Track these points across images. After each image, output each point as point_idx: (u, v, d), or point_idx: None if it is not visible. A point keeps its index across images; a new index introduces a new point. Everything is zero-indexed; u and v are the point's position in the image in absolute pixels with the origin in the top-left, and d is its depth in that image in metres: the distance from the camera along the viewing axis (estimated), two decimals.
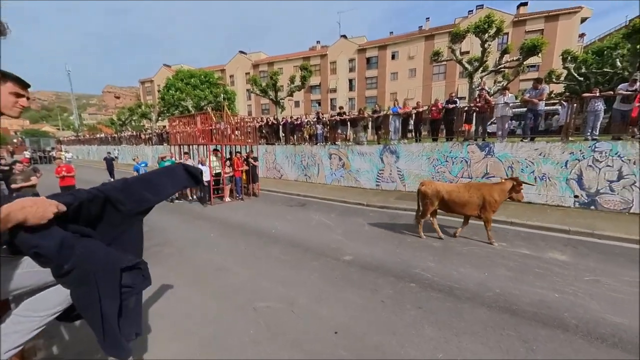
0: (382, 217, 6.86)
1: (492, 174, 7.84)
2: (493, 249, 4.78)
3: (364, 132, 11.66)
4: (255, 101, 43.96)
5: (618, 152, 6.34)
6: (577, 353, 2.48)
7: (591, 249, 4.75)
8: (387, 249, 4.92)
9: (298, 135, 13.64)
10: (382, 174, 9.93)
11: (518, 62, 13.46)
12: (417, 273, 4.00)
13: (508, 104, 8.29)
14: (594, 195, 6.66)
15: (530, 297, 3.36)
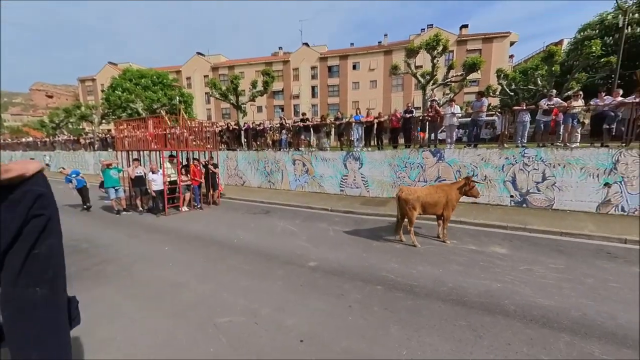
0: (347, 222, 6.99)
1: (443, 177, 8.53)
2: (446, 247, 5.16)
3: (326, 138, 11.87)
4: (215, 105, 42.16)
5: (542, 157, 7.38)
6: (515, 335, 2.76)
7: (524, 241, 5.40)
8: (353, 253, 5.01)
9: (261, 141, 13.36)
10: (346, 180, 10.18)
11: (462, 77, 15.02)
12: (383, 275, 4.13)
13: (455, 114, 9.15)
14: (525, 194, 7.63)
15: (477, 288, 3.68)
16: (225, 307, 3.36)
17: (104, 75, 42.26)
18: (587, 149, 7.10)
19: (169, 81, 28.58)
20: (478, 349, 2.61)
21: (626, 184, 6.62)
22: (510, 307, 3.25)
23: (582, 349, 2.58)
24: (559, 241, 5.40)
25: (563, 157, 7.17)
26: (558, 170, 7.22)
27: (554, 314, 3.12)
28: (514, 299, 3.42)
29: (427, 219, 5.75)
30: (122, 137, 9.64)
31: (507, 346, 2.63)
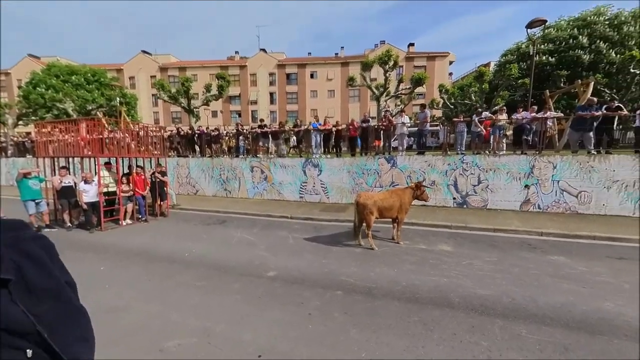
0: (307, 229, 6.98)
1: (396, 182, 9.11)
2: (400, 248, 5.48)
3: (285, 145, 11.82)
4: (164, 108, 39.06)
5: (477, 163, 8.37)
6: (459, 325, 3.04)
7: (465, 238, 6.02)
8: (313, 260, 5.00)
9: (216, 147, 12.72)
10: (306, 187, 10.21)
11: (410, 90, 16.41)
12: (343, 280, 4.19)
13: (405, 124, 9.91)
14: (465, 196, 8.54)
15: (427, 285, 3.97)
16: (174, 329, 3.06)
17: (22, 69, 36.17)
18: (510, 156, 8.28)
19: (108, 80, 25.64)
20: (429, 342, 2.79)
21: (540, 186, 7.86)
22: (455, 300, 3.57)
23: (513, 330, 2.94)
24: (493, 237, 6.14)
25: (493, 163, 8.23)
26: (490, 175, 8.25)
27: (490, 302, 3.51)
28: (458, 292, 3.76)
29: (385, 223, 6.05)
30: (45, 141, 8.28)
31: (453, 336, 2.87)
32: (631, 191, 7.19)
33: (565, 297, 3.58)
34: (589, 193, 7.47)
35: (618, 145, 8.70)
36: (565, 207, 7.68)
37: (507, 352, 2.62)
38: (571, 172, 7.58)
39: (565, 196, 7.67)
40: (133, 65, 39.87)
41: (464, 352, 2.63)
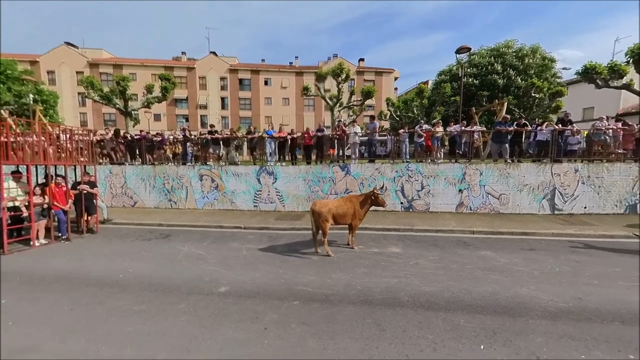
0: (261, 239, 6.76)
1: (350, 189, 9.47)
2: (355, 252, 5.67)
3: (236, 152, 11.39)
4: (94, 109, 34.35)
5: (420, 170, 9.22)
6: (409, 321, 3.25)
7: (412, 240, 6.52)
8: (268, 271, 4.84)
9: (160, 154, 11.60)
10: (260, 195, 9.93)
11: (361, 102, 17.41)
12: (300, 289, 4.13)
13: (357, 134, 10.44)
14: (411, 201, 9.30)
15: (380, 286, 4.18)
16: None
17: None
18: (447, 164, 9.33)
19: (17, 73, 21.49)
20: (382, 341, 2.92)
21: (471, 190, 9.00)
22: (404, 298, 3.81)
23: (453, 321, 3.26)
24: (435, 237, 6.77)
25: (433, 171, 9.16)
26: (431, 181, 9.16)
27: (434, 297, 3.84)
28: (407, 291, 4.03)
29: (343, 229, 6.20)
30: None
31: (404, 333, 3.05)
32: (536, 193, 8.71)
33: (492, 287, 4.12)
34: (507, 195, 8.82)
35: (526, 155, 10.50)
36: (490, 208, 8.92)
37: (449, 342, 2.89)
38: (493, 178, 8.87)
39: (490, 199, 8.92)
40: (53, 58, 34.34)
41: (413, 347, 2.82)
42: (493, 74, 21.62)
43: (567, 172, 8.61)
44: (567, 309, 3.50)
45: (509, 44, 22.85)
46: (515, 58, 21.67)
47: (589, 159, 9.45)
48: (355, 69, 38.00)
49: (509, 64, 21.44)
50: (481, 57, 23.33)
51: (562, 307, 3.55)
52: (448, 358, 2.66)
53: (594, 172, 8.53)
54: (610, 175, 8.48)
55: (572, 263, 5.01)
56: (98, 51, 37.63)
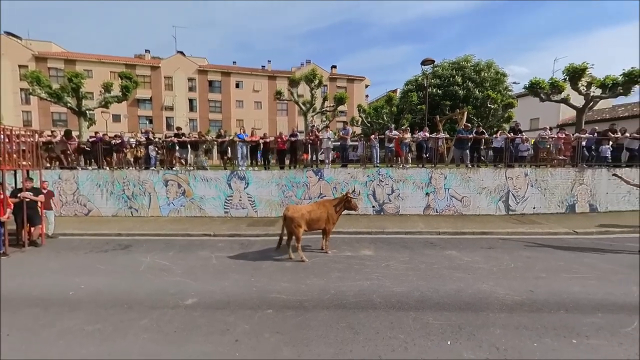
0: (232, 247, 6.51)
1: (324, 194, 9.53)
2: (329, 257, 5.69)
3: (206, 156, 10.94)
4: (41, 108, 30.92)
5: (390, 175, 9.58)
6: (382, 323, 3.33)
7: (383, 242, 6.72)
8: (239, 280, 4.67)
9: (120, 157, 10.73)
10: (231, 201, 9.60)
11: (334, 108, 17.72)
12: (273, 297, 4.03)
13: (330, 139, 10.58)
14: (382, 204, 9.60)
15: (353, 290, 4.23)
16: None
17: None
18: (415, 169, 9.81)
19: None
20: (355, 344, 2.94)
21: (436, 193, 9.53)
22: (377, 300, 3.89)
23: (422, 320, 3.39)
24: (405, 239, 7.04)
25: (402, 175, 9.57)
26: (400, 185, 9.55)
27: (405, 297, 3.97)
28: (379, 292, 4.12)
29: (316, 234, 6.19)
30: None
31: (376, 334, 3.11)
32: (493, 195, 9.48)
33: (457, 284, 4.37)
34: (469, 198, 9.48)
35: (484, 160, 11.42)
36: (454, 210, 9.51)
37: (419, 340, 3.00)
38: (456, 182, 9.49)
39: (453, 201, 9.51)
40: None
41: (385, 348, 2.88)
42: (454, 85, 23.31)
43: (518, 176, 9.50)
44: (521, 302, 3.82)
45: (467, 59, 24.85)
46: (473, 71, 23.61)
47: (536, 164, 10.52)
48: (328, 76, 38.68)
49: (468, 77, 23.29)
50: (444, 69, 25.06)
51: (517, 300, 3.88)
52: (418, 358, 2.76)
53: (540, 176, 9.52)
54: (554, 179, 9.52)
55: (524, 259, 5.50)
56: (46, 44, 34.04)
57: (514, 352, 2.79)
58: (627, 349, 2.85)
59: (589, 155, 10.11)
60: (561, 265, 5.13)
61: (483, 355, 2.76)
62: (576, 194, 9.56)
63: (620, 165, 9.91)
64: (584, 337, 3.03)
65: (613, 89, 12.45)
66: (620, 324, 3.26)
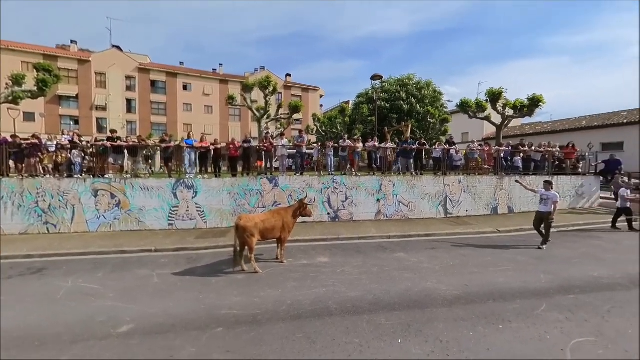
0: (178, 262, 5.93)
1: (279, 202, 9.38)
2: (285, 266, 5.58)
3: (146, 162, 9.90)
4: None
5: (344, 182, 9.92)
6: (337, 329, 3.37)
7: (339, 248, 6.87)
8: (186, 298, 4.26)
9: (33, 163, 9.00)
10: (177, 212, 8.79)
11: (289, 116, 17.76)
12: (224, 314, 3.76)
13: (284, 146, 10.54)
14: (336, 211, 9.85)
15: (309, 298, 4.21)
16: None
17: None
18: (366, 176, 10.34)
19: None
20: (312, 353, 2.91)
21: (386, 199, 10.17)
22: (333, 307, 3.93)
23: (376, 322, 3.53)
24: (358, 244, 7.31)
25: (355, 182, 9.99)
26: (353, 192, 9.94)
27: (359, 301, 4.09)
28: (335, 299, 4.17)
29: (270, 243, 6.01)
30: None
31: (333, 341, 3.13)
32: (434, 200, 10.51)
33: (406, 284, 4.68)
34: (414, 203, 10.34)
35: (426, 169, 12.63)
36: (401, 214, 10.25)
37: (373, 342, 3.11)
38: (403, 189, 10.28)
39: (401, 206, 10.26)
40: None
41: (342, 354, 2.91)
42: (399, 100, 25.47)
43: (454, 183, 10.73)
44: (459, 295, 4.27)
45: (410, 77, 27.47)
46: (415, 89, 26.15)
47: (467, 172, 12.01)
48: (283, 83, 38.77)
49: (411, 93, 25.71)
50: (390, 85, 27.24)
51: (455, 294, 4.31)
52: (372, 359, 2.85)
53: (471, 182, 10.90)
54: (481, 185, 10.99)
55: (460, 257, 6.18)
56: None
57: (454, 343, 3.08)
58: (539, 327, 3.38)
59: (506, 165, 11.96)
60: (489, 261, 5.89)
61: (429, 349, 2.98)
62: (498, 198, 11.17)
63: (528, 173, 11.93)
64: (508, 322, 3.50)
65: (521, 110, 15.07)
66: (532, 308, 3.87)
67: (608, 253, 6.39)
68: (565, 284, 4.64)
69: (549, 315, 3.67)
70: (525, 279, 4.88)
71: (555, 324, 3.46)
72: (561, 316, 3.64)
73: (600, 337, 3.20)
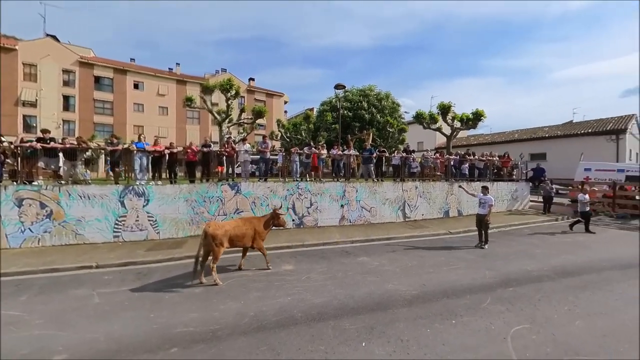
0: (125, 279, 5.32)
1: (241, 209, 9.03)
2: (248, 276, 5.35)
3: (86, 167, 8.82)
4: None
5: (309, 188, 9.96)
6: (302, 337, 3.32)
7: (304, 255, 6.82)
8: (134, 318, 3.82)
9: None
10: (124, 222, 7.92)
11: (252, 120, 17.34)
12: (179, 332, 3.46)
13: (247, 151, 10.24)
14: (301, 218, 9.81)
15: (274, 308, 4.09)
16: None
17: None
18: (331, 182, 10.51)
19: None
20: None
21: (350, 205, 10.44)
22: (298, 315, 3.87)
23: (341, 327, 3.56)
24: (323, 250, 7.35)
25: (320, 188, 10.09)
26: (318, 198, 10.02)
27: (324, 308, 4.09)
28: (300, 307, 4.11)
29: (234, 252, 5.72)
30: None
31: (298, 350, 3.07)
32: (394, 205, 11.07)
33: (369, 287, 4.82)
34: (376, 208, 10.77)
35: (386, 175, 13.29)
36: (364, 219, 10.59)
37: (338, 348, 3.12)
38: (365, 194, 10.66)
39: (364, 212, 10.61)
40: None
41: None
42: (361, 109, 26.60)
43: (411, 188, 11.45)
44: (417, 295, 4.52)
45: (371, 88, 28.92)
46: (376, 99, 27.59)
47: (422, 178, 12.93)
48: (246, 87, 37.87)
49: (372, 104, 27.04)
50: (353, 95, 28.35)
51: (414, 294, 4.56)
52: None
53: (426, 188, 11.75)
54: (435, 190, 11.90)
55: (418, 258, 6.57)
56: None
57: (414, 341, 3.24)
58: (485, 319, 3.73)
59: (455, 172, 13.16)
60: (443, 260, 6.37)
61: (391, 349, 3.09)
62: (449, 202, 12.20)
63: (473, 179, 13.27)
64: (460, 317, 3.80)
65: (467, 123, 16.79)
66: (480, 302, 4.26)
67: (538, 249, 7.35)
68: (505, 279, 5.22)
69: (493, 307, 4.08)
70: (473, 276, 5.36)
71: (498, 315, 3.85)
72: (503, 307, 4.06)
73: (533, 323, 3.64)
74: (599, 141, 20.30)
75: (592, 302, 4.29)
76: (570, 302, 4.26)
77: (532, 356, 2.99)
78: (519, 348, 3.12)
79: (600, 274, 5.51)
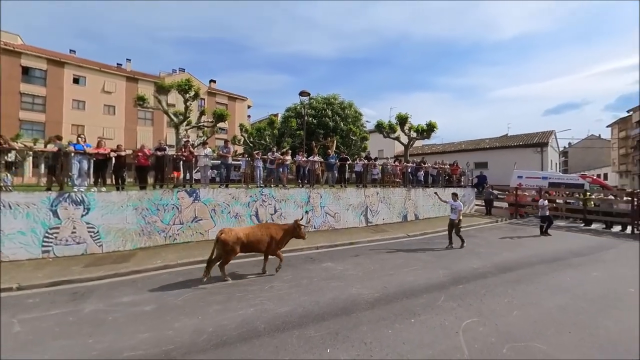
0: (55, 301, 4.60)
1: (200, 217, 8.49)
2: (206, 290, 4.99)
3: (7, 171, 7.55)
4: None
5: (273, 195, 9.77)
6: (266, 349, 3.20)
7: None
8: (69, 347, 3.30)
9: None
10: (57, 235, 6.88)
11: (213, 124, 16.57)
12: (126, 357, 3.08)
13: (207, 156, 9.72)
14: None
15: (235, 321, 3.87)
16: None
17: None
18: (295, 188, 10.46)
19: None
20: None
21: (314, 211, 10.47)
22: (261, 327, 3.72)
23: (305, 335, 3.50)
24: (288, 257, 7.13)
25: (284, 195, 9.96)
26: (282, 204, 9.87)
27: (289, 317, 4.00)
28: (263, 318, 3.96)
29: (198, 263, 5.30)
30: None
31: None
32: (357, 210, 11.40)
33: (334, 293, 4.85)
34: (339, 214, 10.96)
35: (349, 181, 13.67)
36: (328, 225, 10.70)
37: (303, 356, 3.06)
38: (330, 200, 10.81)
39: (328, 217, 10.72)
40: None
41: None
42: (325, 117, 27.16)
43: (373, 194, 11.92)
44: (379, 297, 4.67)
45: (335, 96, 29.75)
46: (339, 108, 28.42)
47: (383, 185, 13.57)
48: (207, 89, 36.19)
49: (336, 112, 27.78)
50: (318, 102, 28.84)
51: (376, 296, 4.70)
52: None
53: (386, 194, 12.34)
54: (394, 196, 12.56)
55: (380, 261, 6.82)
56: None
57: (377, 343, 3.33)
58: (440, 316, 3.99)
59: (412, 179, 14.08)
60: (402, 262, 6.70)
61: (355, 353, 3.13)
62: (407, 207, 12.96)
63: (428, 185, 14.32)
64: (418, 315, 4.02)
65: (422, 134, 18.15)
66: (435, 300, 4.55)
67: (482, 248, 8.15)
68: (456, 276, 5.67)
69: (446, 304, 4.39)
70: (429, 276, 5.73)
71: (451, 311, 4.15)
72: (454, 304, 4.40)
73: (480, 316, 4.00)
74: (527, 152, 23.55)
75: (526, 293, 4.88)
76: (509, 294, 4.79)
77: (480, 347, 3.28)
78: (469, 340, 3.39)
79: (533, 268, 6.31)
